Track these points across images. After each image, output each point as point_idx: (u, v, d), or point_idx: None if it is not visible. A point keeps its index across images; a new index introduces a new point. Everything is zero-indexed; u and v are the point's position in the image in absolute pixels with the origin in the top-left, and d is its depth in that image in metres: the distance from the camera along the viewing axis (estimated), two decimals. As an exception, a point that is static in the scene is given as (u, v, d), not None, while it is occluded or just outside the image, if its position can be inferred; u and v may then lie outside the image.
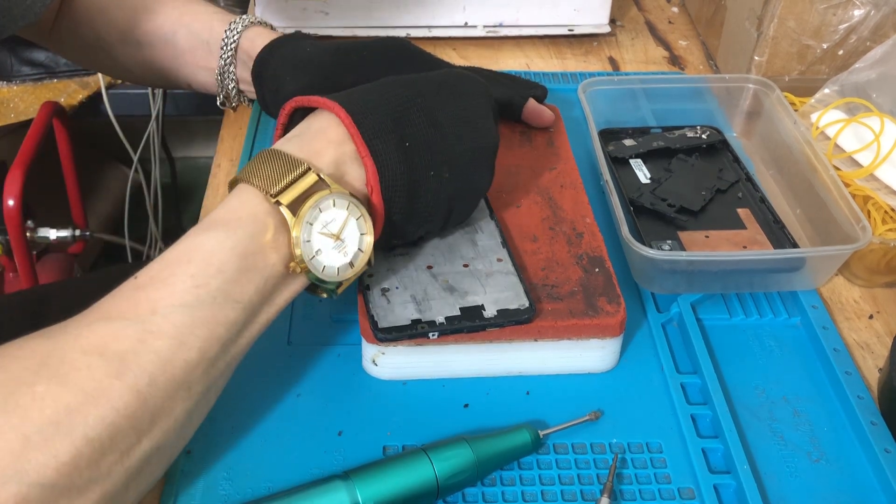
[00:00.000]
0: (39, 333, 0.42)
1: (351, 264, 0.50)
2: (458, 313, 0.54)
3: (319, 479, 0.48)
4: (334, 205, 0.48)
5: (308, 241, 0.48)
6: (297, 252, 0.47)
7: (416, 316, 0.54)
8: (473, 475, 0.49)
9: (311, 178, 0.48)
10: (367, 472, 0.48)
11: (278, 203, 0.47)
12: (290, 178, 0.48)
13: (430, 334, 0.53)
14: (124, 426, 0.41)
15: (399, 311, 0.54)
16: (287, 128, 0.55)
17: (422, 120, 0.52)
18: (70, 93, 1.41)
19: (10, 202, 1.21)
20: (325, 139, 0.51)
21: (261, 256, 0.47)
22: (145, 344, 0.42)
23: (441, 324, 0.53)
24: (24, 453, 0.38)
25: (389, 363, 0.56)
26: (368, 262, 0.51)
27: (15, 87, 1.39)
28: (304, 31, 0.92)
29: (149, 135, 1.59)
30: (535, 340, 0.55)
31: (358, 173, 0.51)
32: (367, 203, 0.51)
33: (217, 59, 0.69)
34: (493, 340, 0.55)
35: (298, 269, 0.48)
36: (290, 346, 0.59)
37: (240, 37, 0.68)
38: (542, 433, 0.52)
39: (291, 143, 0.51)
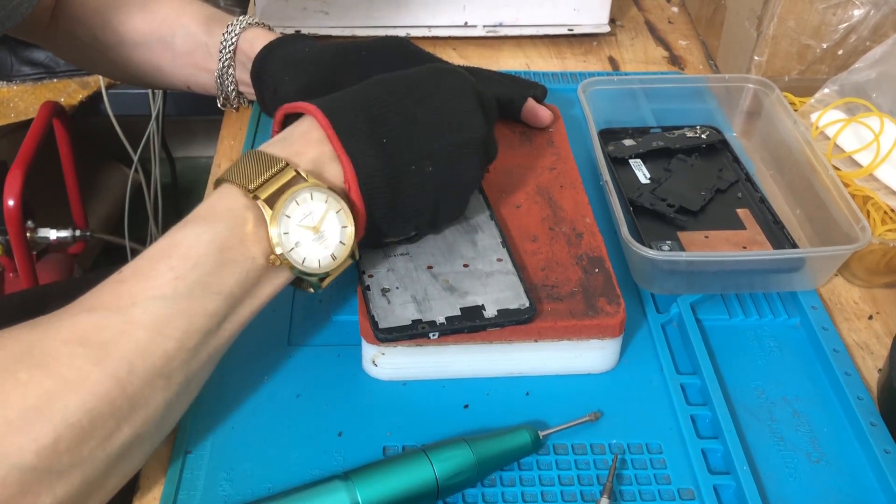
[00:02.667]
0: (24, 325, 0.44)
1: (333, 256, 0.51)
2: (459, 313, 0.54)
3: (319, 480, 0.48)
4: (312, 198, 0.49)
5: (286, 233, 0.49)
6: (276, 244, 0.48)
7: (416, 316, 0.54)
8: (473, 476, 0.49)
9: (289, 174, 0.49)
10: (367, 473, 0.48)
11: (256, 197, 0.48)
12: (268, 174, 0.49)
13: (431, 334, 0.53)
14: (104, 412, 0.42)
15: (399, 311, 0.54)
16: None
17: (400, 116, 0.53)
18: (70, 93, 1.41)
19: (10, 202, 1.21)
20: (305, 140, 0.52)
21: (240, 249, 0.48)
22: (125, 334, 0.44)
23: (441, 324, 0.53)
24: (5, 436, 0.39)
25: (389, 363, 0.56)
26: (352, 256, 0.52)
27: (15, 87, 1.39)
28: (304, 31, 0.92)
29: (149, 135, 1.59)
30: (535, 341, 0.55)
31: (336, 171, 0.52)
32: (347, 200, 0.52)
33: (216, 62, 0.69)
34: (494, 341, 0.55)
35: (278, 262, 0.49)
36: (290, 346, 0.59)
37: (238, 38, 0.68)
38: (541, 434, 0.52)
39: (274, 146, 0.52)
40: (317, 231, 0.50)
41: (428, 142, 0.54)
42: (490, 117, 0.59)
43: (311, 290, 0.52)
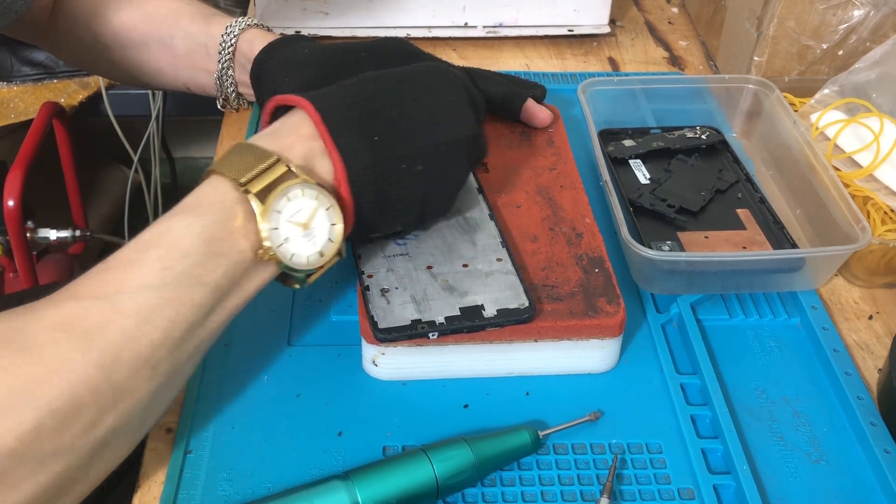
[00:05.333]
0: (7, 313, 0.43)
1: (320, 253, 0.51)
2: (458, 313, 0.54)
3: (319, 480, 0.48)
4: (303, 194, 0.49)
5: (276, 228, 0.49)
6: (265, 239, 0.48)
7: (415, 316, 0.54)
8: (473, 476, 0.49)
9: (280, 169, 0.49)
10: (367, 473, 0.48)
11: (247, 191, 0.48)
12: (259, 168, 0.49)
13: (430, 334, 0.53)
14: (88, 400, 0.42)
15: (399, 311, 0.54)
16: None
17: (392, 114, 0.53)
18: (70, 93, 1.41)
19: (10, 202, 1.21)
20: (296, 135, 0.52)
21: (228, 242, 0.47)
22: (111, 322, 0.43)
23: (441, 324, 0.53)
24: None
25: (389, 363, 0.56)
26: (339, 253, 0.52)
27: (15, 87, 1.39)
28: (304, 31, 0.92)
29: (149, 135, 1.59)
30: (535, 341, 0.55)
31: (327, 167, 0.52)
32: (336, 196, 0.51)
33: (215, 63, 0.69)
34: (493, 341, 0.55)
35: (266, 257, 0.49)
36: (290, 346, 0.59)
37: (237, 40, 0.68)
38: (541, 433, 0.52)
39: (264, 138, 0.52)
40: (306, 228, 0.50)
41: (419, 140, 0.54)
42: (480, 116, 0.59)
43: (297, 285, 0.52)
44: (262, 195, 0.48)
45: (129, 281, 0.45)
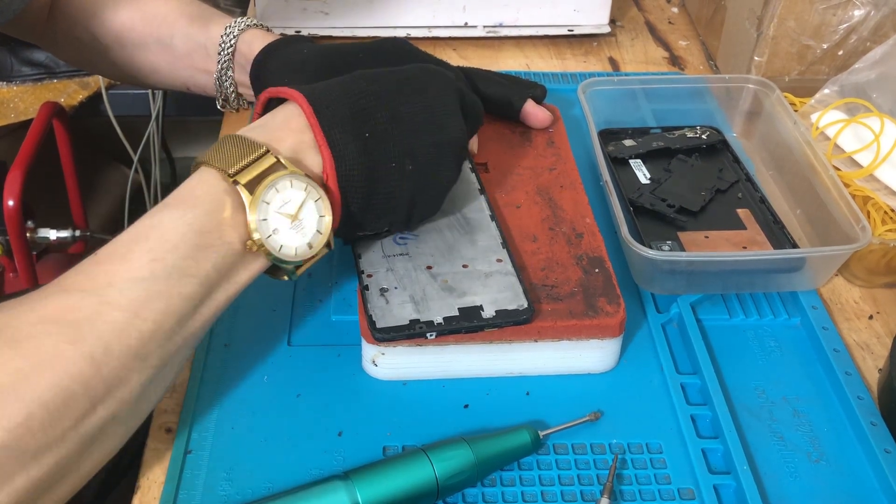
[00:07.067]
0: None
1: (309, 245, 0.51)
2: (457, 314, 0.54)
3: (319, 480, 0.48)
4: (291, 185, 0.50)
5: (265, 219, 0.49)
6: (254, 230, 0.48)
7: (414, 316, 0.54)
8: (473, 476, 0.49)
9: (269, 160, 0.49)
10: (367, 473, 0.48)
11: (236, 182, 0.48)
12: (248, 159, 0.49)
13: (428, 334, 0.53)
14: (78, 392, 0.42)
15: (397, 311, 0.54)
16: None
17: (383, 113, 0.53)
18: (70, 93, 1.41)
19: (10, 202, 1.21)
20: (286, 128, 0.52)
21: (217, 234, 0.48)
22: (101, 314, 0.43)
23: (439, 324, 0.53)
24: None
25: (389, 363, 0.56)
26: (328, 245, 0.52)
27: (15, 87, 1.39)
28: (304, 31, 0.92)
29: (149, 135, 1.59)
30: (535, 341, 0.55)
31: (316, 161, 0.52)
32: (325, 189, 0.52)
33: (215, 63, 0.69)
34: (494, 341, 0.55)
35: (255, 248, 0.49)
36: (290, 346, 0.59)
37: (237, 40, 0.68)
38: (541, 434, 0.52)
39: (254, 130, 0.52)
40: (295, 219, 0.50)
41: (411, 140, 0.54)
42: (476, 121, 0.60)
43: (286, 277, 0.52)
44: (251, 186, 0.48)
45: (119, 274, 0.45)
